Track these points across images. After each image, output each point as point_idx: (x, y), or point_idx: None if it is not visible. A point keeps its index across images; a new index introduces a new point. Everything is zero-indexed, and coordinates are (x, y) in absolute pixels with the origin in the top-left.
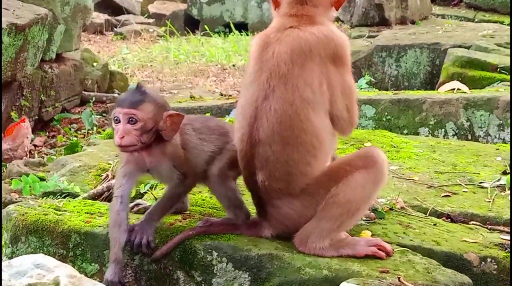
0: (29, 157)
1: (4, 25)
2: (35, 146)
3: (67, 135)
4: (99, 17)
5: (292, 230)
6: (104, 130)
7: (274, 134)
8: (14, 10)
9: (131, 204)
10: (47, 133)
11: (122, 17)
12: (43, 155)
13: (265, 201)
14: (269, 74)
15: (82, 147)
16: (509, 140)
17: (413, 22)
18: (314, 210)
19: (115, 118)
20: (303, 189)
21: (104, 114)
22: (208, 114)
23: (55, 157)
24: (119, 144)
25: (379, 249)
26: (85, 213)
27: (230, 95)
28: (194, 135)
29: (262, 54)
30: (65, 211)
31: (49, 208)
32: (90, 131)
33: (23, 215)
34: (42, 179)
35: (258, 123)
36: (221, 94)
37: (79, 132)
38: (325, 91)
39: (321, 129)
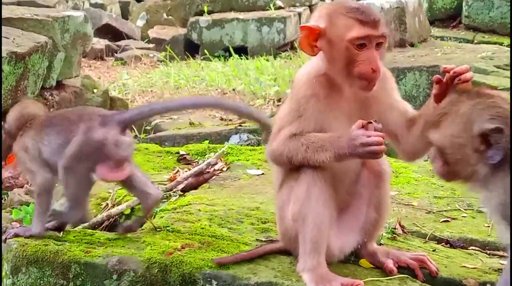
0: (30, 185)
1: (4, 54)
2: None
3: None
4: (100, 43)
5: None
6: None
7: None
8: (14, 39)
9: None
10: None
11: (122, 43)
12: None
13: None
14: None
15: None
16: None
17: (412, 45)
18: None
19: None
20: None
21: None
22: (206, 142)
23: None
24: None
25: None
26: (85, 243)
27: (230, 120)
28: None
29: None
30: (65, 241)
31: (49, 238)
32: None
33: (23, 245)
34: None
35: None
36: (221, 119)
37: None
38: None
39: None
